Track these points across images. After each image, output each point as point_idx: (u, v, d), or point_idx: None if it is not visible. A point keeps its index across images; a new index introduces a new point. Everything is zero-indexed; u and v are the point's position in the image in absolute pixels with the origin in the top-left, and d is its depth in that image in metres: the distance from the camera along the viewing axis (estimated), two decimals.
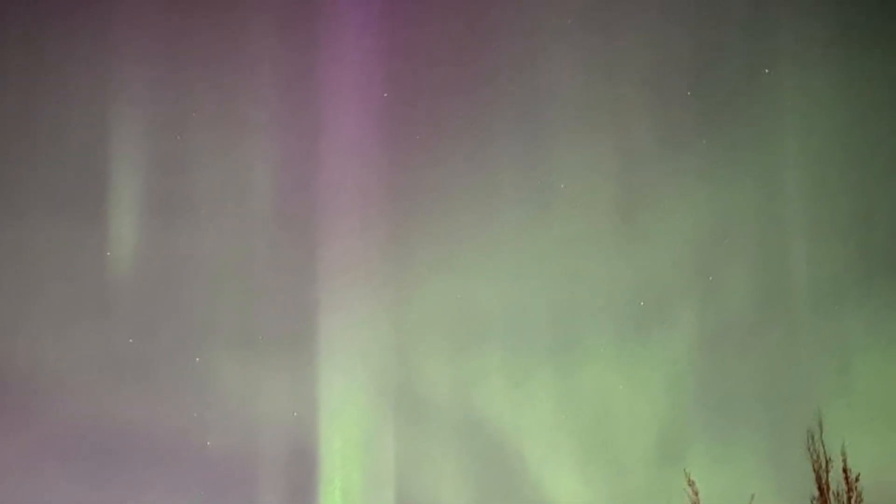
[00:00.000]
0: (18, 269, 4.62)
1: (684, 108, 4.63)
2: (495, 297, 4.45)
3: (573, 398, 4.44)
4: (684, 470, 4.76)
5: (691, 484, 5.05)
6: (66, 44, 4.25)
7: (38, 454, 4.60)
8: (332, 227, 4.36)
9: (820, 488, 5.23)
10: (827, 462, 5.16)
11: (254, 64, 4.45)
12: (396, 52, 4.53)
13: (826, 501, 5.24)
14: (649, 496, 4.73)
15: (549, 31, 4.47)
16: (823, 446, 4.45)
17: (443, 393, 4.42)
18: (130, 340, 4.32)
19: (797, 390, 4.42)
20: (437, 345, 4.42)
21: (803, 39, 4.55)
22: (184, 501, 4.60)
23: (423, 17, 4.59)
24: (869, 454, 4.38)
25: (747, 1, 4.51)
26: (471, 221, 4.41)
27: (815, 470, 5.18)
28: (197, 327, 4.39)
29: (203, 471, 4.62)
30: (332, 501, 4.78)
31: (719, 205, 4.47)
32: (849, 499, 5.33)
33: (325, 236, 4.35)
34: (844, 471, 5.20)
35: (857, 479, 5.12)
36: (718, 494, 4.70)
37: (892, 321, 4.92)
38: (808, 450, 4.86)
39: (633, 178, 4.51)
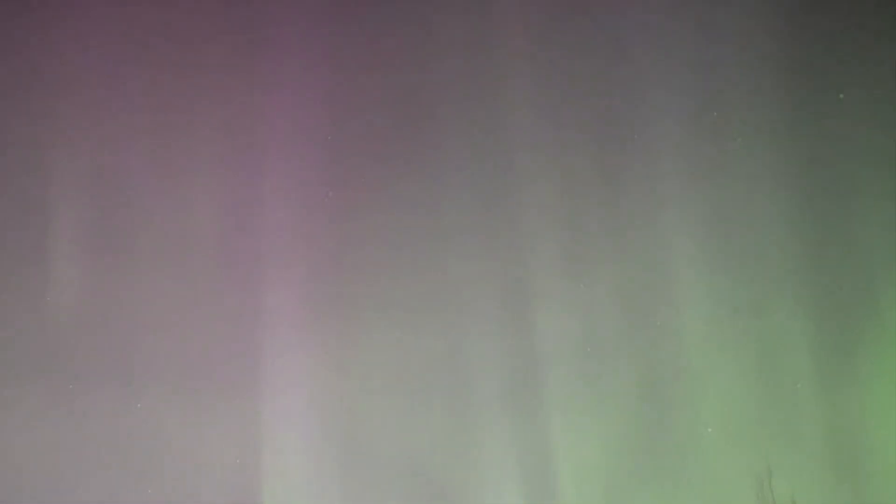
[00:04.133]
0: None
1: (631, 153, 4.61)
2: (442, 346, 4.40)
3: (521, 447, 4.39)
4: None
5: None
6: (1, 82, 4.19)
7: None
8: (276, 272, 4.31)
9: None
10: None
11: (196, 105, 4.40)
12: (340, 95, 4.51)
13: None
14: None
15: (500, 74, 4.45)
16: (773, 493, 4.41)
17: (389, 441, 4.36)
18: (70, 387, 4.24)
19: (747, 436, 4.39)
20: (384, 392, 4.36)
21: (751, 80, 4.54)
22: None
23: (369, 61, 4.58)
24: (819, 502, 4.34)
25: (695, 43, 4.50)
26: (418, 267, 4.37)
27: None
28: (137, 373, 4.31)
29: None
30: None
31: (665, 248, 4.43)
32: None
33: (269, 281, 4.29)
34: None
35: None
36: None
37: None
38: (758, 497, 4.81)
39: (581, 223, 4.48)
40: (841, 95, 4.56)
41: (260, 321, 4.10)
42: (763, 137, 4.52)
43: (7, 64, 4.07)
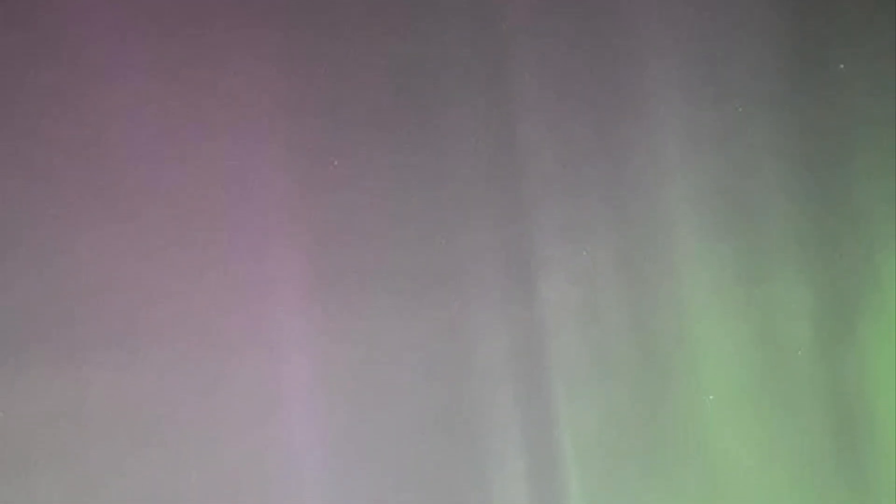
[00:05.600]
0: None
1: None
2: (445, 314, 4.37)
3: (523, 414, 4.37)
4: None
5: None
6: (4, 52, 4.15)
7: None
8: (280, 241, 4.29)
9: None
10: None
11: (201, 74, 4.37)
12: (345, 64, 4.48)
13: None
14: None
15: (503, 43, 4.43)
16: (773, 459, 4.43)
17: (392, 410, 4.33)
18: (75, 354, 4.21)
19: (748, 403, 4.40)
20: (387, 361, 4.32)
21: (753, 50, 4.54)
22: None
23: (373, 30, 4.56)
24: (820, 468, 4.36)
25: (697, 13, 4.49)
26: (421, 236, 4.35)
27: None
28: (143, 341, 4.28)
29: None
30: None
31: (667, 216, 4.43)
32: None
33: (274, 250, 4.27)
34: None
35: None
36: None
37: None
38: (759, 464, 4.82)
39: (582, 192, 4.46)
40: (842, 66, 4.59)
41: (264, 290, 4.10)
42: (764, 107, 4.55)
43: (10, 34, 4.07)
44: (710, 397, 4.31)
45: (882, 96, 4.55)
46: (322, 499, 4.12)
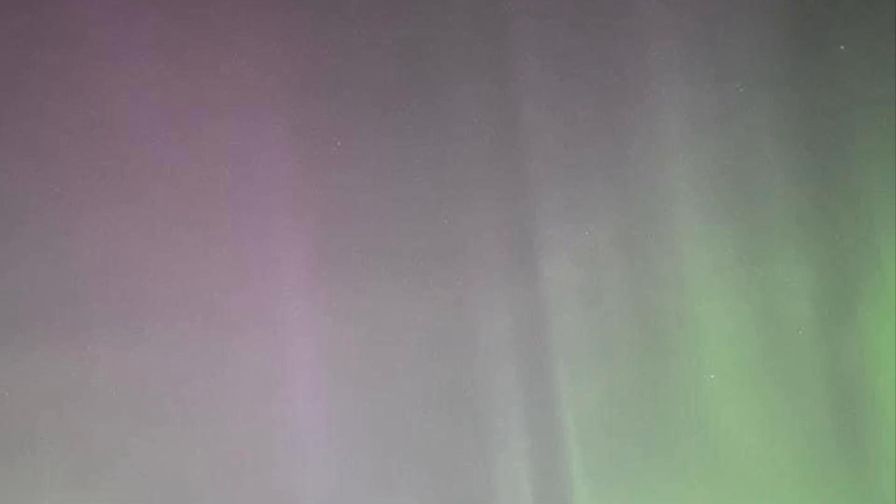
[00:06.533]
0: None
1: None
2: (449, 294, 4.37)
3: (526, 394, 4.37)
4: None
5: None
6: (9, 33, 4.15)
7: None
8: (284, 221, 4.29)
9: None
10: None
11: (205, 55, 4.37)
12: (349, 44, 4.48)
13: None
14: None
15: (505, 24, 4.44)
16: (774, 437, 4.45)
17: (396, 389, 4.34)
18: (80, 334, 4.22)
19: (749, 382, 4.41)
20: (391, 341, 4.32)
21: (754, 32, 4.55)
22: None
23: (377, 10, 4.56)
24: (820, 447, 4.37)
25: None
26: (425, 216, 4.35)
27: None
28: (147, 320, 4.28)
29: None
30: None
31: (669, 196, 4.43)
32: None
33: (278, 230, 4.27)
34: None
35: None
36: None
37: None
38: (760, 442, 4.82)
39: (585, 172, 4.46)
40: (842, 47, 4.61)
41: (268, 269, 4.11)
42: (765, 88, 4.55)
43: (14, 15, 4.07)
44: (711, 376, 4.31)
45: (882, 77, 4.56)
46: (325, 477, 4.13)
